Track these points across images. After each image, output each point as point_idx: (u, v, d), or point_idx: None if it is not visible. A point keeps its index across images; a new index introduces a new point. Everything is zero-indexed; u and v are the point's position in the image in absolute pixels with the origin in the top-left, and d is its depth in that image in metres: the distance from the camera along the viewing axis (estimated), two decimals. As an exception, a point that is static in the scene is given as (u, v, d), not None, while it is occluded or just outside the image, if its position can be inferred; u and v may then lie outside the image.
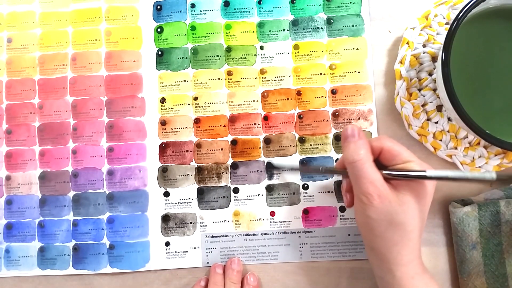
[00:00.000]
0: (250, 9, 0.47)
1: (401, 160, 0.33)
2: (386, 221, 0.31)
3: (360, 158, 0.32)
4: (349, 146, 0.33)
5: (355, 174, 0.32)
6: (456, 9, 0.43)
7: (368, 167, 0.32)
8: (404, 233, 0.32)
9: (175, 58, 0.47)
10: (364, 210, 0.32)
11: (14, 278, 0.45)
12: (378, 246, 0.33)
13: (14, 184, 0.46)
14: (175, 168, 0.45)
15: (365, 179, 0.31)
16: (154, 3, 0.47)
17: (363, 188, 0.32)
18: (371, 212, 0.32)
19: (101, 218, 0.45)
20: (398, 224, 0.31)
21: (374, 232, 0.32)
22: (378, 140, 0.34)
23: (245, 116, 0.45)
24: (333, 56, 0.45)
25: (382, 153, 0.33)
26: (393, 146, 0.33)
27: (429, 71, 0.43)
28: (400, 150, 0.33)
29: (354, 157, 0.32)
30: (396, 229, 0.32)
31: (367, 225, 0.32)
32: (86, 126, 0.46)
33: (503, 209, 0.40)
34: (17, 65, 0.47)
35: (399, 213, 0.31)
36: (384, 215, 0.31)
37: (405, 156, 0.33)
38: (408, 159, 0.33)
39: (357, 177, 0.32)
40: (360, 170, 0.32)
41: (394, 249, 0.32)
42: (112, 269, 0.44)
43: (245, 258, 0.44)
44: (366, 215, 0.32)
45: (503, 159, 0.41)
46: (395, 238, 0.32)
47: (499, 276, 0.40)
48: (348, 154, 0.33)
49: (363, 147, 0.32)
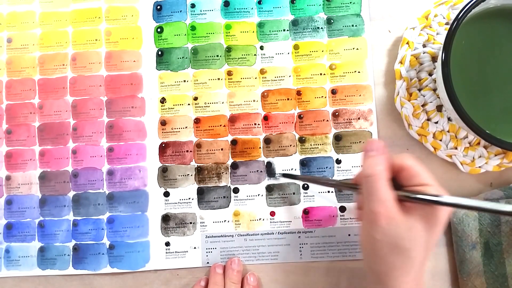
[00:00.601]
0: (250, 9, 0.47)
1: (419, 182, 0.31)
2: (390, 244, 0.30)
3: (375, 173, 0.30)
4: (367, 160, 0.32)
5: (367, 189, 0.31)
6: (456, 9, 0.43)
7: (381, 185, 0.30)
8: (406, 259, 0.30)
9: (175, 58, 0.47)
10: (369, 228, 0.31)
11: (14, 278, 0.45)
12: (378, 268, 0.31)
13: (14, 184, 0.46)
14: (175, 168, 0.45)
15: (376, 196, 0.30)
16: (154, 3, 0.47)
17: (372, 205, 0.30)
18: (376, 232, 0.30)
19: (101, 218, 0.45)
20: (402, 249, 0.30)
21: (375, 253, 0.31)
22: (399, 157, 0.32)
23: (245, 116, 0.45)
24: (333, 56, 0.45)
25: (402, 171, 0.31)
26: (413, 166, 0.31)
27: (429, 71, 0.43)
28: (420, 171, 0.31)
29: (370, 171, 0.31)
30: (399, 254, 0.30)
31: (370, 244, 0.31)
32: (86, 126, 0.46)
33: (503, 209, 0.40)
34: (17, 65, 0.47)
35: (405, 238, 0.30)
36: (389, 237, 0.30)
37: (424, 178, 0.31)
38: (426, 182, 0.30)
39: (369, 193, 0.30)
40: (373, 186, 0.30)
41: (393, 274, 0.31)
42: (112, 269, 0.44)
43: (245, 258, 0.44)
44: (370, 235, 0.30)
45: (503, 159, 0.41)
46: (396, 263, 0.30)
47: (498, 276, 0.40)
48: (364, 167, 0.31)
49: (380, 163, 0.31)
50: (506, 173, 0.43)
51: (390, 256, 0.30)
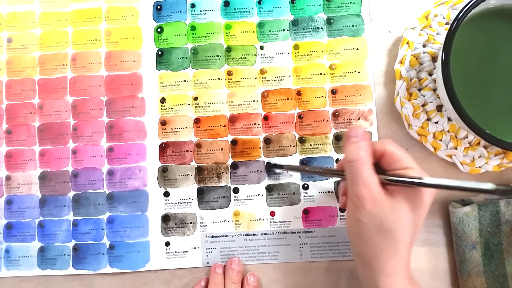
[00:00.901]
0: (250, 9, 0.47)
1: (401, 166, 0.32)
2: (376, 227, 0.31)
3: (358, 158, 0.31)
4: (350, 146, 0.32)
5: (351, 174, 0.32)
6: (456, 9, 0.43)
7: (365, 169, 0.31)
8: (392, 241, 0.31)
9: (175, 58, 0.47)
10: (355, 212, 0.31)
11: (14, 278, 0.45)
12: (365, 252, 0.32)
13: (14, 184, 0.46)
14: (175, 168, 0.45)
15: (360, 180, 0.31)
16: (154, 3, 0.47)
17: (357, 189, 0.31)
18: (361, 215, 0.31)
19: (101, 218, 0.45)
20: (388, 231, 0.30)
21: (362, 236, 0.32)
22: (381, 143, 0.33)
23: (245, 116, 0.45)
24: (333, 56, 0.45)
25: (383, 156, 0.33)
26: (395, 150, 0.32)
27: (429, 71, 0.43)
28: (401, 156, 0.32)
29: (353, 156, 0.32)
30: (384, 236, 0.31)
31: (356, 228, 0.32)
32: (86, 126, 0.46)
33: (503, 209, 0.40)
34: (17, 65, 0.47)
35: (390, 221, 0.30)
36: (375, 220, 0.30)
37: (406, 162, 0.32)
38: (408, 166, 0.31)
39: (353, 177, 0.31)
40: (357, 171, 0.31)
41: (380, 257, 0.31)
42: (112, 269, 0.44)
43: (245, 258, 0.44)
44: (356, 218, 0.31)
45: (503, 159, 0.41)
46: (382, 245, 0.31)
47: (498, 276, 0.40)
48: (347, 153, 0.32)
49: (363, 148, 0.32)
50: (506, 173, 0.43)
51: (376, 239, 0.31)
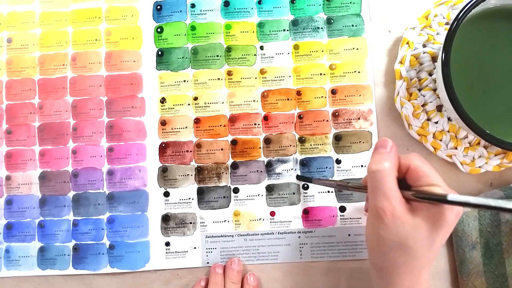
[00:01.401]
0: (250, 9, 0.47)
1: (426, 182, 0.30)
2: (394, 242, 0.30)
3: (382, 169, 0.30)
4: (375, 156, 0.31)
5: (372, 184, 0.30)
6: (456, 9, 0.43)
7: (388, 181, 0.29)
8: (410, 258, 0.30)
9: (175, 58, 0.47)
10: (374, 224, 0.30)
11: (14, 278, 0.45)
12: (381, 264, 0.31)
13: (14, 184, 0.46)
14: (175, 168, 0.45)
15: (382, 192, 0.29)
16: (154, 3, 0.47)
17: (377, 202, 0.29)
18: (380, 228, 0.30)
19: (101, 218, 0.45)
20: (406, 248, 0.29)
21: (379, 249, 0.31)
22: (407, 157, 0.31)
23: (245, 116, 0.45)
24: (333, 56, 0.45)
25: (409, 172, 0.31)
26: (421, 166, 0.30)
27: (429, 71, 0.43)
28: (427, 172, 0.30)
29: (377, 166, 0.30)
30: (402, 252, 0.30)
31: (374, 240, 0.31)
32: (86, 126, 0.46)
33: (503, 209, 0.40)
34: (17, 65, 0.47)
35: (410, 237, 0.29)
36: (394, 235, 0.29)
37: (432, 178, 0.30)
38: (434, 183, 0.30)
39: (374, 188, 0.30)
40: (379, 181, 0.30)
41: (396, 271, 0.30)
42: (112, 269, 0.44)
43: (245, 258, 0.44)
44: (375, 230, 0.30)
45: (503, 159, 0.41)
46: (399, 260, 0.30)
47: (498, 276, 0.40)
48: (372, 162, 0.31)
49: (388, 160, 0.30)
50: (506, 173, 0.43)
51: (393, 254, 0.30)
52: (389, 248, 0.30)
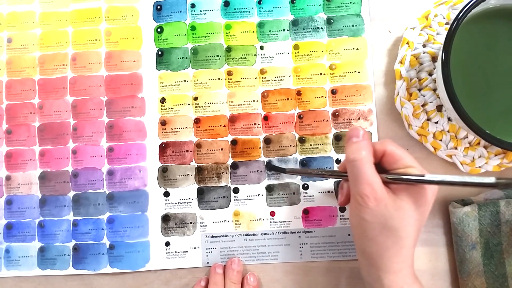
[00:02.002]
0: (250, 9, 0.47)
1: (402, 165, 0.32)
2: (380, 225, 0.31)
3: (360, 157, 0.31)
4: (351, 146, 0.33)
5: (353, 173, 0.32)
6: (456, 9, 0.43)
7: (367, 168, 0.31)
8: (397, 239, 0.31)
9: (175, 58, 0.47)
10: (358, 211, 0.31)
11: (14, 278, 0.45)
12: (369, 250, 0.32)
13: (14, 184, 0.46)
14: (175, 168, 0.45)
15: (363, 179, 0.31)
16: (154, 3, 0.47)
17: (360, 188, 0.31)
18: (365, 214, 0.31)
19: (101, 218, 0.45)
20: (392, 229, 0.31)
21: (366, 235, 0.32)
22: (381, 143, 0.33)
23: (245, 116, 0.45)
24: (333, 56, 0.45)
25: (384, 156, 0.33)
26: (395, 150, 0.32)
27: (429, 71, 0.43)
28: (402, 155, 0.32)
29: (355, 156, 0.32)
30: (389, 234, 0.31)
31: (361, 227, 0.32)
32: (86, 126, 0.46)
33: (503, 209, 0.40)
34: (17, 65, 0.47)
35: (394, 218, 0.31)
36: (379, 218, 0.31)
37: (407, 161, 0.32)
38: (409, 164, 0.32)
39: (355, 176, 0.31)
40: (359, 169, 0.31)
41: (385, 255, 0.32)
42: (112, 269, 0.44)
43: (245, 258, 0.44)
44: (360, 217, 0.31)
45: (503, 159, 0.41)
46: (387, 243, 0.31)
47: (498, 276, 0.40)
48: (349, 153, 0.32)
49: (365, 148, 0.32)
50: (506, 173, 0.43)
51: (381, 237, 0.31)
52: (378, 231, 0.31)
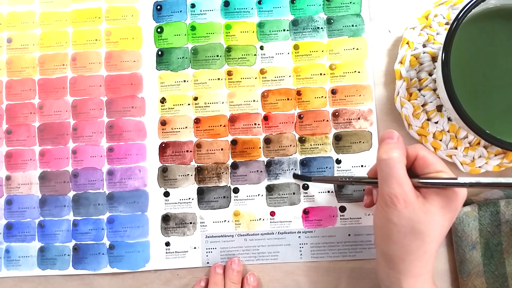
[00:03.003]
0: (250, 9, 0.47)
1: (433, 170, 0.32)
2: (407, 228, 0.30)
3: (393, 157, 0.31)
4: (385, 146, 0.32)
5: (384, 172, 0.31)
6: (456, 9, 0.43)
7: (399, 168, 0.31)
8: (422, 243, 0.31)
9: (175, 58, 0.47)
10: (386, 212, 0.31)
11: (14, 278, 0.45)
12: (392, 252, 0.32)
13: (14, 184, 0.46)
14: (175, 168, 0.45)
15: (394, 179, 0.30)
16: (154, 3, 0.47)
17: (389, 188, 0.30)
18: (393, 215, 0.30)
19: (101, 218, 0.45)
20: (419, 233, 0.30)
21: (391, 237, 0.31)
22: (413, 148, 0.33)
23: (245, 116, 0.45)
24: (333, 56, 0.45)
25: (416, 161, 0.33)
26: (427, 155, 0.32)
27: (429, 71, 0.43)
28: (434, 160, 0.32)
29: (388, 155, 0.31)
30: (414, 237, 0.31)
31: (386, 228, 0.32)
32: (86, 126, 0.46)
33: (503, 209, 0.40)
34: (17, 65, 0.47)
35: (422, 222, 0.30)
36: (406, 221, 0.30)
37: (438, 166, 0.32)
38: (440, 170, 0.32)
39: (387, 175, 0.31)
40: (391, 168, 0.31)
41: (408, 258, 0.31)
42: (112, 269, 0.44)
43: (245, 258, 0.44)
44: (386, 218, 0.31)
45: (503, 159, 0.41)
46: (411, 246, 0.31)
47: (498, 276, 0.40)
48: (381, 152, 0.32)
49: (398, 149, 0.32)
50: (506, 173, 0.43)
51: (406, 240, 0.31)
52: (403, 235, 0.31)
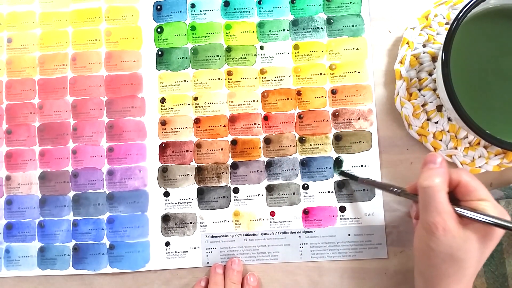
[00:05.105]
0: (250, 9, 0.47)
1: (476, 197, 0.31)
2: (445, 254, 0.31)
3: (434, 185, 0.31)
4: (426, 172, 0.32)
5: (425, 200, 0.31)
6: (456, 9, 0.43)
7: (440, 197, 0.31)
8: (460, 269, 0.31)
9: (175, 58, 0.47)
10: (425, 238, 0.31)
11: (14, 278, 0.45)
12: (430, 274, 0.32)
13: (14, 184, 0.46)
14: (175, 168, 0.45)
15: (434, 208, 0.30)
16: (154, 3, 0.47)
17: (429, 216, 0.31)
18: (431, 242, 0.31)
19: (101, 218, 0.45)
20: (457, 259, 0.31)
21: (429, 261, 0.32)
22: (457, 172, 0.32)
23: (245, 116, 0.45)
24: (333, 56, 0.45)
25: (459, 186, 0.32)
26: (470, 181, 0.32)
27: (429, 71, 0.43)
28: (477, 187, 0.31)
29: (428, 182, 0.31)
30: (453, 263, 0.31)
31: (424, 252, 0.32)
32: (86, 126, 0.46)
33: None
34: (17, 65, 0.47)
35: (461, 250, 0.30)
36: (445, 248, 0.31)
37: (481, 194, 0.31)
38: (483, 198, 0.31)
39: (426, 204, 0.31)
40: (431, 197, 0.31)
41: (445, 281, 0.31)
42: (112, 269, 0.44)
43: (245, 258, 0.44)
44: (425, 243, 0.31)
45: (503, 159, 0.41)
46: (449, 271, 0.31)
47: (498, 276, 0.40)
48: (422, 179, 0.32)
49: (440, 175, 0.31)
50: (506, 173, 0.43)
51: (444, 265, 0.31)
52: (440, 260, 0.31)
